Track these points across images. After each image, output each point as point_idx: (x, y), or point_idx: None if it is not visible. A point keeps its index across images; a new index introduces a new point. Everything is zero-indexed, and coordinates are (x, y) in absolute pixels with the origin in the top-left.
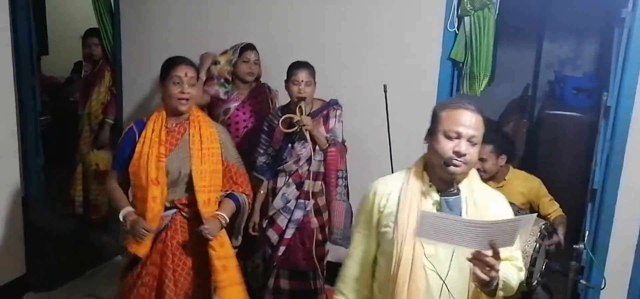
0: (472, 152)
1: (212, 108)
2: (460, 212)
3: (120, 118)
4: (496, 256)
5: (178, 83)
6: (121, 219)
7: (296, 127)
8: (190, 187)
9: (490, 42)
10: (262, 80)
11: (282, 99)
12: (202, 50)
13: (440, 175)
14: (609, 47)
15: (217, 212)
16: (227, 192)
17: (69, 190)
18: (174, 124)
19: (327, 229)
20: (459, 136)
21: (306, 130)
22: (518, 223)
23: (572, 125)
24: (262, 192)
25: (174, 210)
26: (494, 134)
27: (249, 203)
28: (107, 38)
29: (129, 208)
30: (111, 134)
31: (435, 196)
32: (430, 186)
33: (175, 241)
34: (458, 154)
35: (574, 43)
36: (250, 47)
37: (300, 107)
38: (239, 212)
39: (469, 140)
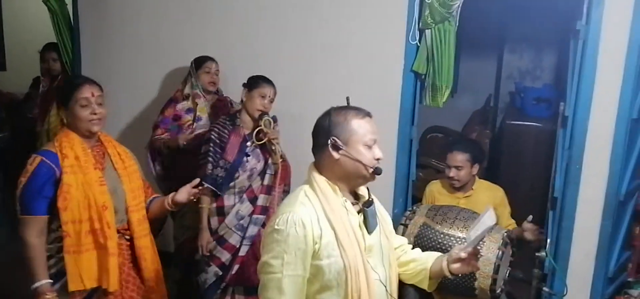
0: None
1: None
2: (377, 217)
3: None
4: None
5: (86, 105)
6: (34, 290)
7: (265, 140)
8: (124, 209)
9: (451, 54)
10: (221, 93)
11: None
12: (162, 64)
13: (354, 186)
14: (566, 58)
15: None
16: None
17: None
18: (89, 148)
19: None
20: (374, 143)
21: (277, 144)
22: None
23: (533, 134)
24: (205, 206)
25: (117, 235)
26: (469, 144)
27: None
28: (66, 53)
29: (48, 280)
30: None
31: (353, 209)
32: (345, 201)
33: (126, 267)
34: (378, 160)
35: (533, 54)
36: (209, 58)
37: (268, 120)
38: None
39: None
